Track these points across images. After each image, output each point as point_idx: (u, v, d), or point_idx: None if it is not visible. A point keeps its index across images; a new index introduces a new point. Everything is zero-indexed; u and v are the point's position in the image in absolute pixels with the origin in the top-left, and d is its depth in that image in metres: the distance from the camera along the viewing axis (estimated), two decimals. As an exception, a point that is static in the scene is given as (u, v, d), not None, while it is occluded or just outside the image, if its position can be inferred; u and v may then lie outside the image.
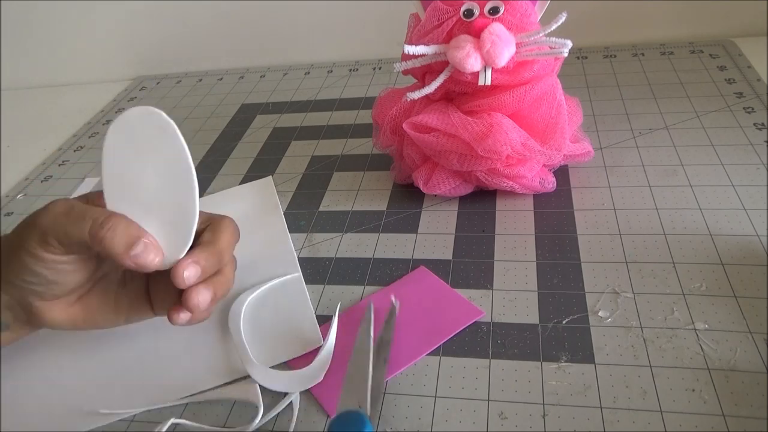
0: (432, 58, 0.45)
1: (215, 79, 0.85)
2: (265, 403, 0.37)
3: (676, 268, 0.42)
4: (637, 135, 0.56)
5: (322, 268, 0.47)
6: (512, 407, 0.35)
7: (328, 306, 0.44)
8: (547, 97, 0.46)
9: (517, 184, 0.49)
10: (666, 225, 0.46)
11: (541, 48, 0.44)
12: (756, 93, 0.59)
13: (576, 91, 0.58)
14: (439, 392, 0.37)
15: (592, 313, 0.40)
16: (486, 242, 0.47)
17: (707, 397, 0.34)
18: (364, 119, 0.68)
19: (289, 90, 0.78)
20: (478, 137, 0.45)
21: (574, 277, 0.43)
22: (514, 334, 0.39)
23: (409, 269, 0.46)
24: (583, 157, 0.51)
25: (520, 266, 0.44)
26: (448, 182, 0.49)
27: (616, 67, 0.69)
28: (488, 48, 0.42)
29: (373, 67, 0.80)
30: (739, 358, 0.36)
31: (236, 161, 0.64)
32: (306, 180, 0.59)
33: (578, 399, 0.35)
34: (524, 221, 0.48)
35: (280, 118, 0.71)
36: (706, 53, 0.68)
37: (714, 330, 0.38)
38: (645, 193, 0.49)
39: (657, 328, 0.38)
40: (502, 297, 0.42)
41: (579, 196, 0.50)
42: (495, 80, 0.44)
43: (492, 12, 0.43)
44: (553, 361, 0.37)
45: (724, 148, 0.53)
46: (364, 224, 0.51)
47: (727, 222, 0.45)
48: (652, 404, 0.34)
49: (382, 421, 0.36)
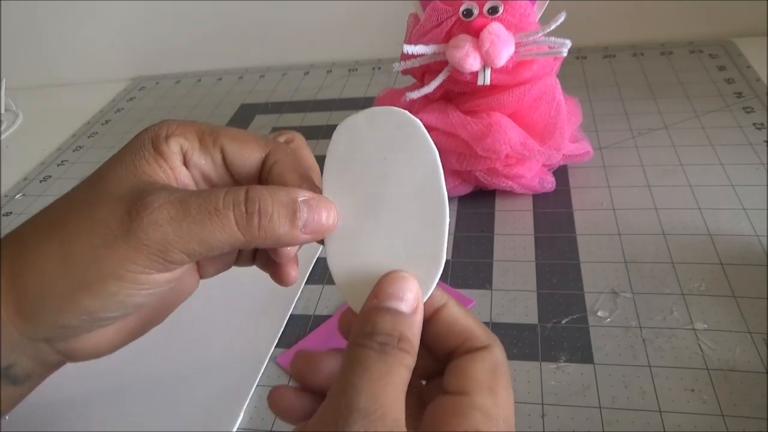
0: (431, 58, 0.45)
1: (214, 79, 0.85)
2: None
3: (675, 268, 0.42)
4: (637, 135, 0.56)
5: (321, 268, 0.47)
6: (511, 407, 0.35)
7: (327, 306, 0.44)
8: (546, 96, 0.46)
9: (516, 183, 0.49)
10: (665, 225, 0.46)
11: (540, 48, 0.44)
12: (755, 93, 0.59)
13: (575, 91, 0.58)
14: (438, 392, 0.37)
15: (591, 313, 0.40)
16: (485, 242, 0.47)
17: (706, 397, 0.34)
18: (364, 119, 0.67)
19: (288, 90, 0.78)
20: (477, 137, 0.45)
21: (573, 277, 0.43)
22: (513, 334, 0.39)
23: (408, 269, 0.46)
24: (583, 157, 0.51)
25: (519, 266, 0.44)
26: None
27: (616, 67, 0.69)
28: (487, 48, 0.42)
29: (373, 67, 0.80)
30: (738, 358, 0.36)
31: (235, 161, 0.64)
32: (305, 180, 0.59)
33: (577, 399, 0.35)
34: (523, 221, 0.48)
35: (279, 118, 0.71)
36: (706, 53, 0.68)
37: (713, 330, 0.38)
38: (644, 193, 0.49)
39: (656, 328, 0.38)
40: (501, 297, 0.42)
41: (578, 196, 0.50)
42: (494, 80, 0.44)
43: (491, 12, 0.43)
44: (552, 361, 0.37)
45: (723, 148, 0.53)
46: (364, 224, 0.51)
47: (727, 222, 0.45)
48: (651, 404, 0.34)
49: (381, 421, 0.36)
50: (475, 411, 0.21)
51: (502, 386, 0.22)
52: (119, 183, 0.24)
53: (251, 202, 0.23)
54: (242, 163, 0.26)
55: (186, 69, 0.90)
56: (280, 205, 0.23)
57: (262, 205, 0.23)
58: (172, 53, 0.89)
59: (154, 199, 0.23)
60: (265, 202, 0.23)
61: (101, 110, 0.83)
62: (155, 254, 0.23)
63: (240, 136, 0.26)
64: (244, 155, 0.26)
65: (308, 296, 0.45)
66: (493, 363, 0.23)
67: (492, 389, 0.22)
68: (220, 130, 0.26)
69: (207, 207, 0.23)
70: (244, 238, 0.23)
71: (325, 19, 0.81)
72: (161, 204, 0.23)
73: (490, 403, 0.21)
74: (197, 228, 0.23)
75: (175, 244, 0.22)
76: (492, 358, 0.23)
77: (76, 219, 0.23)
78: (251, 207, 0.23)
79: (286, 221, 0.23)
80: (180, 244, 0.23)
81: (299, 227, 0.23)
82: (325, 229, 0.24)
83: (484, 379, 0.22)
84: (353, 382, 0.20)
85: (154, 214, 0.22)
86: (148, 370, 0.41)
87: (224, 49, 0.87)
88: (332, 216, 0.24)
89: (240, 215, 0.23)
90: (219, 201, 0.23)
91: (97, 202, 0.23)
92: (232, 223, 0.23)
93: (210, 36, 0.86)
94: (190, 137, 0.26)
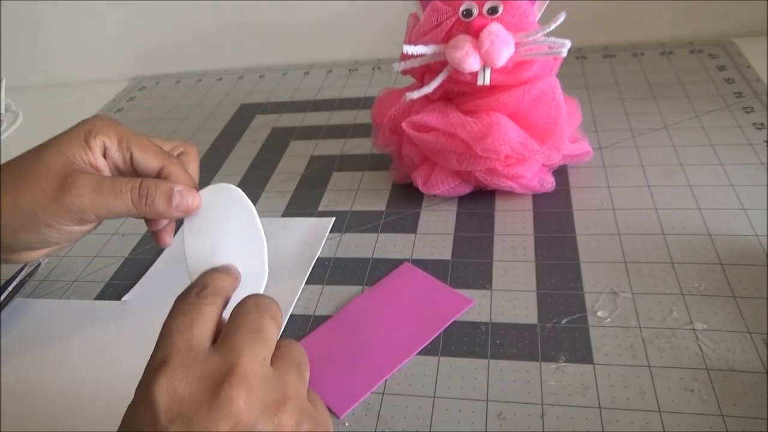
0: (431, 58, 0.45)
1: (214, 79, 0.85)
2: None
3: (674, 268, 0.42)
4: (637, 135, 0.56)
5: (321, 269, 0.47)
6: (511, 407, 0.35)
7: (326, 306, 0.44)
8: (546, 97, 0.46)
9: (516, 184, 0.49)
10: (665, 225, 0.46)
11: (540, 48, 0.44)
12: (755, 93, 0.59)
13: (575, 91, 0.58)
14: (438, 392, 0.37)
15: (591, 313, 0.40)
16: (485, 242, 0.47)
17: (706, 397, 0.34)
18: (364, 119, 0.68)
19: (288, 90, 0.78)
20: (477, 137, 0.45)
21: (573, 277, 0.43)
22: (513, 335, 0.39)
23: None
24: (582, 157, 0.51)
25: (519, 266, 0.44)
26: (447, 182, 0.49)
27: (616, 67, 0.69)
28: (487, 48, 0.42)
29: (373, 67, 0.80)
30: (738, 358, 0.36)
31: (235, 161, 0.64)
32: (305, 180, 0.59)
33: (577, 399, 0.35)
34: (523, 221, 0.48)
35: (279, 118, 0.71)
36: (706, 53, 0.68)
37: (713, 330, 0.38)
38: (644, 193, 0.49)
39: (656, 328, 0.38)
40: (501, 297, 0.42)
41: (578, 196, 0.50)
42: (494, 80, 0.44)
43: (491, 12, 0.43)
44: (551, 362, 0.37)
45: (723, 147, 0.53)
46: (363, 224, 0.51)
47: (726, 222, 0.45)
48: (651, 404, 0.34)
49: (381, 422, 0.36)
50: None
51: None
52: (57, 161, 0.34)
53: (143, 188, 0.34)
54: (144, 167, 0.36)
55: (186, 69, 0.90)
56: (162, 192, 0.34)
57: (149, 191, 0.34)
58: (172, 53, 0.89)
59: (79, 179, 0.34)
60: (151, 189, 0.34)
61: (101, 110, 0.83)
62: (75, 215, 0.34)
63: (146, 146, 0.37)
64: (146, 161, 0.36)
65: (308, 297, 0.45)
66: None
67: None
68: (133, 137, 0.36)
69: (114, 188, 0.34)
70: (135, 211, 0.34)
71: (325, 19, 0.82)
72: (83, 183, 0.34)
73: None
74: (105, 201, 0.34)
75: (90, 210, 0.34)
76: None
77: (25, 181, 0.34)
78: (142, 192, 0.34)
79: (164, 202, 0.34)
80: (93, 211, 0.34)
81: (173, 206, 0.34)
82: (191, 209, 0.35)
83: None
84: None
85: (79, 189, 0.33)
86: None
87: (224, 49, 0.87)
88: (197, 200, 0.35)
89: (135, 196, 0.34)
90: (122, 185, 0.34)
91: (41, 172, 0.34)
92: (129, 200, 0.34)
93: (210, 36, 0.86)
94: (111, 137, 0.36)
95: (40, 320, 0.47)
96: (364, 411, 0.36)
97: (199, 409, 0.24)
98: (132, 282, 0.50)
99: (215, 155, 0.66)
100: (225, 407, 0.24)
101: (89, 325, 0.46)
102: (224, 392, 0.24)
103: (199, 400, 0.24)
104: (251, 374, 0.25)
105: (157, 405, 0.24)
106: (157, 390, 0.24)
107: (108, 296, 0.49)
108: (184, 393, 0.24)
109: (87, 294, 0.49)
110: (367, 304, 0.43)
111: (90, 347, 0.44)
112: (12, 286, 0.48)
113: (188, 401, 0.24)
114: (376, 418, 0.36)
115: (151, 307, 0.47)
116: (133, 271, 0.51)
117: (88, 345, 0.44)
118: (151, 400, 0.24)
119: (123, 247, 0.54)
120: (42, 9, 0.87)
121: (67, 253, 0.54)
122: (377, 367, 0.39)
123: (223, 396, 0.24)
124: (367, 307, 0.43)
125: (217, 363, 0.25)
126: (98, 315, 0.47)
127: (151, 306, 0.47)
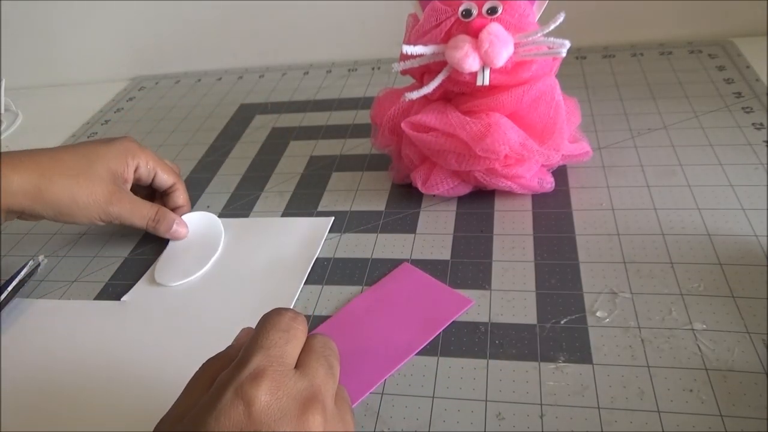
0: (430, 58, 0.45)
1: (214, 79, 0.85)
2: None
3: (674, 268, 0.42)
4: (636, 135, 0.56)
5: (321, 269, 0.47)
6: (510, 408, 0.35)
7: (326, 306, 0.44)
8: (545, 97, 0.46)
9: (516, 184, 0.49)
10: (664, 225, 0.46)
11: (539, 48, 0.44)
12: (755, 93, 0.59)
13: (575, 91, 0.58)
14: (437, 392, 0.37)
15: (590, 313, 0.40)
16: (484, 242, 0.47)
17: (705, 398, 0.34)
18: (363, 119, 0.68)
19: (287, 90, 0.78)
20: (476, 137, 0.45)
21: (572, 277, 0.43)
22: (512, 335, 0.39)
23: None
24: (582, 157, 0.51)
25: (519, 266, 0.44)
26: (446, 182, 0.49)
27: (615, 67, 0.69)
28: (486, 48, 0.42)
29: (372, 67, 0.80)
30: (737, 358, 0.36)
31: (235, 161, 0.64)
32: (305, 180, 0.59)
33: (576, 399, 0.35)
34: (522, 221, 0.48)
35: (278, 118, 0.71)
36: (705, 53, 0.68)
37: (712, 330, 0.38)
38: (643, 193, 0.49)
39: (655, 328, 0.38)
40: (500, 297, 0.42)
41: (577, 196, 0.50)
42: (493, 80, 0.44)
43: (490, 12, 0.43)
44: (550, 362, 0.37)
45: (722, 148, 0.53)
46: (363, 224, 0.51)
47: (726, 222, 0.45)
48: (650, 404, 0.34)
49: (380, 422, 0.36)
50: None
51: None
52: (107, 173, 0.49)
53: (158, 216, 0.51)
54: (162, 183, 0.53)
55: (186, 69, 0.90)
56: (166, 221, 0.51)
57: (160, 219, 0.51)
58: (172, 53, 0.89)
59: (123, 196, 0.49)
60: (161, 217, 0.51)
61: (101, 110, 0.83)
62: (111, 219, 0.49)
63: (165, 168, 0.53)
64: (165, 180, 0.53)
65: (307, 297, 0.45)
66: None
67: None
68: (157, 161, 0.52)
69: (142, 210, 0.50)
70: (148, 228, 0.51)
71: (325, 19, 0.82)
72: (125, 200, 0.49)
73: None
74: (133, 217, 0.50)
75: (121, 218, 0.50)
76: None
77: (84, 181, 0.48)
78: (156, 218, 0.51)
79: (166, 229, 0.51)
80: (123, 219, 0.50)
81: (170, 233, 0.52)
82: (182, 236, 0.52)
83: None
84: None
85: (121, 203, 0.49)
86: (148, 371, 0.41)
87: (224, 49, 0.87)
88: (185, 231, 0.53)
89: (151, 220, 0.51)
90: (147, 209, 0.51)
91: (95, 179, 0.48)
92: (146, 221, 0.51)
93: (210, 36, 0.86)
94: (143, 160, 0.51)
95: (39, 320, 0.47)
96: (363, 411, 0.36)
97: (287, 423, 0.27)
98: (132, 282, 0.50)
99: (215, 155, 0.66)
100: (306, 427, 0.27)
101: (89, 325, 0.46)
102: (310, 414, 0.27)
103: (287, 415, 0.27)
104: (328, 405, 0.29)
105: (253, 408, 0.26)
106: (257, 396, 0.27)
107: (107, 296, 0.49)
108: (278, 406, 0.27)
109: (86, 294, 0.49)
110: (367, 305, 0.43)
111: (90, 347, 0.44)
112: (12, 286, 0.48)
113: (279, 414, 0.27)
114: (375, 418, 0.36)
115: (151, 308, 0.47)
116: (132, 271, 0.51)
117: (87, 345, 0.44)
118: (248, 403, 0.26)
119: (123, 247, 0.54)
120: (42, 9, 0.87)
121: (67, 253, 0.54)
122: (376, 367, 0.39)
123: (309, 417, 0.27)
124: (366, 308, 0.43)
125: (305, 386, 0.28)
126: (98, 315, 0.47)
127: (151, 306, 0.47)
